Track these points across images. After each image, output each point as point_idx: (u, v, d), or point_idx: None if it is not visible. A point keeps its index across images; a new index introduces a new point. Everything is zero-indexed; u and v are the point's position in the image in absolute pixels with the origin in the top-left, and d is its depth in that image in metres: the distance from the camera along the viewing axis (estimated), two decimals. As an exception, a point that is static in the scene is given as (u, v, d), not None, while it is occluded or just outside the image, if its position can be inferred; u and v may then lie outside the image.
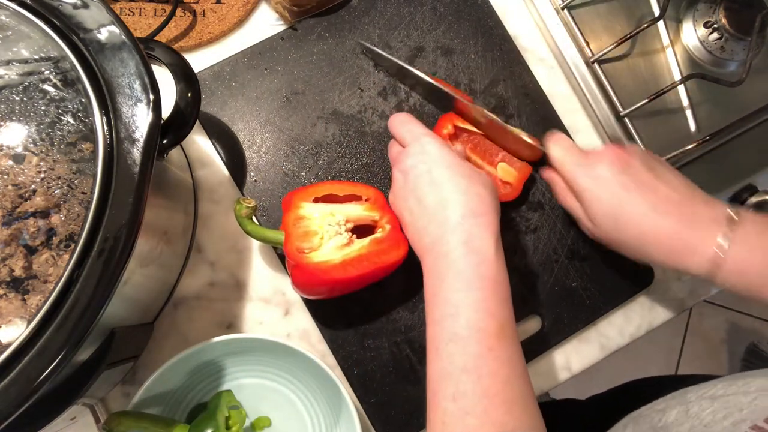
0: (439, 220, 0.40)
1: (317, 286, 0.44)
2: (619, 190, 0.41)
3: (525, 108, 0.54)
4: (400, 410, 0.48)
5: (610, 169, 0.42)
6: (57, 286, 0.30)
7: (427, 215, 0.41)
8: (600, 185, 0.42)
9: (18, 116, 0.35)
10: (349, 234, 0.45)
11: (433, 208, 0.41)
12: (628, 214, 0.41)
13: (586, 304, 0.51)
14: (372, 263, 0.44)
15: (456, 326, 0.37)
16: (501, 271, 0.39)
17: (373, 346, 0.49)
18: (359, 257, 0.44)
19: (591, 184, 0.42)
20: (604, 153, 0.43)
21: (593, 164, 0.43)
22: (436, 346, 0.38)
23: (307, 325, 0.50)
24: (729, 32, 0.53)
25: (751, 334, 1.48)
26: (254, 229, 0.45)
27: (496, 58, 0.55)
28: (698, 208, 0.41)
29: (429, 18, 0.55)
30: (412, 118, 0.46)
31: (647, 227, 0.41)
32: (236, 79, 0.52)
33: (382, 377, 0.49)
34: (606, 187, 0.42)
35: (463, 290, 0.38)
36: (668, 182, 0.42)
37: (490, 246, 0.39)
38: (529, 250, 0.52)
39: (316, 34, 0.54)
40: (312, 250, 0.43)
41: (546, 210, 0.52)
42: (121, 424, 0.41)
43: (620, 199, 0.41)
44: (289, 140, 0.52)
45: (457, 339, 0.37)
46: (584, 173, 0.43)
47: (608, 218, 0.42)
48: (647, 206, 0.41)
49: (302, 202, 0.45)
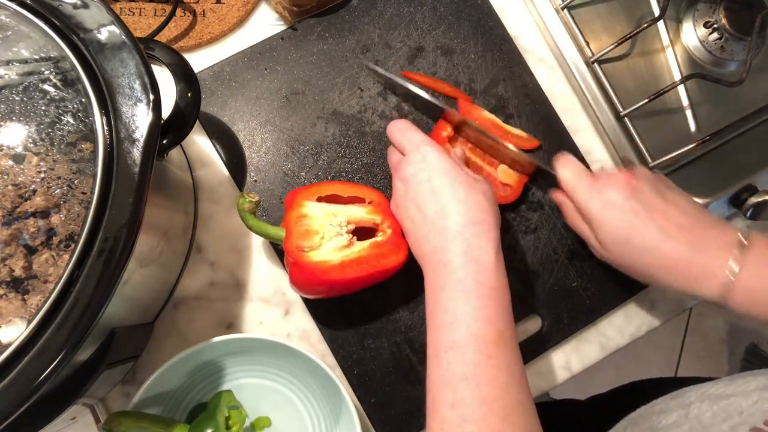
0: (438, 230, 0.40)
1: (315, 286, 0.44)
2: (630, 215, 0.41)
3: (525, 108, 0.54)
4: (400, 410, 0.48)
5: (621, 194, 0.42)
6: (57, 286, 0.30)
7: (427, 224, 0.41)
8: (610, 210, 0.42)
9: (18, 116, 0.35)
10: (350, 236, 0.45)
11: (433, 218, 0.41)
12: (639, 239, 0.41)
13: (586, 304, 0.51)
14: (371, 266, 0.44)
15: (455, 334, 0.37)
16: (500, 279, 0.39)
17: (373, 346, 0.49)
18: (358, 259, 0.44)
19: (601, 208, 0.42)
20: (614, 177, 0.43)
21: (603, 189, 0.43)
22: (436, 354, 0.38)
23: (307, 325, 0.50)
24: (729, 32, 0.53)
25: (751, 334, 1.48)
26: (256, 224, 0.45)
27: (496, 58, 0.55)
28: (709, 232, 0.41)
29: (429, 18, 0.55)
30: (411, 126, 0.46)
31: (658, 252, 0.41)
32: (236, 79, 0.52)
33: (382, 377, 0.49)
34: (616, 211, 0.42)
35: (462, 299, 0.38)
36: (678, 206, 0.42)
37: (489, 254, 0.39)
38: (529, 250, 0.52)
39: (316, 34, 0.54)
40: (312, 249, 0.43)
41: (546, 210, 0.52)
42: (121, 424, 0.41)
43: (631, 224, 0.41)
44: (289, 140, 0.52)
45: (456, 347, 0.37)
46: (594, 197, 0.43)
47: (618, 243, 0.42)
48: (657, 231, 0.41)
49: (305, 201, 0.45)
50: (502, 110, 0.54)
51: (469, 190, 0.41)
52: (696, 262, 0.40)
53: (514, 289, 0.45)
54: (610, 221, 0.42)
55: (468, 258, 0.39)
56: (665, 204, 0.42)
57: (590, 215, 0.43)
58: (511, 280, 0.40)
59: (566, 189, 0.45)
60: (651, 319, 0.53)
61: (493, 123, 0.52)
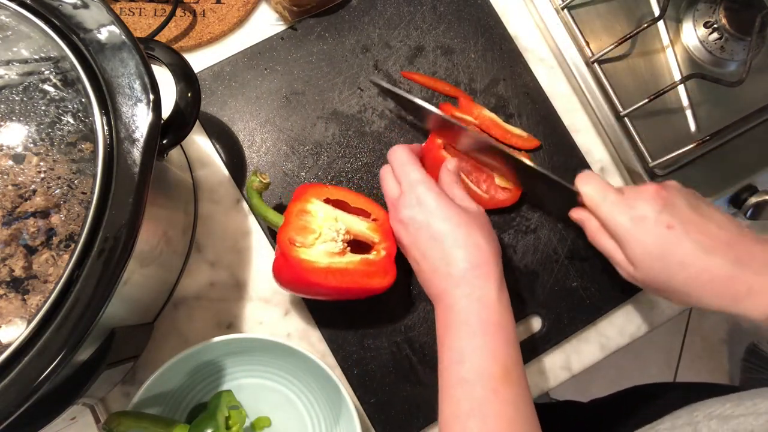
0: (442, 275, 0.41)
1: (293, 282, 0.44)
2: (664, 230, 0.39)
3: (525, 107, 0.54)
4: (400, 410, 0.48)
5: (652, 208, 0.39)
6: (57, 286, 0.30)
7: (431, 269, 0.42)
8: (641, 225, 0.39)
9: (18, 116, 0.35)
10: (345, 245, 0.45)
11: (436, 263, 0.41)
12: (676, 255, 0.38)
13: (586, 303, 0.51)
14: (353, 281, 0.43)
15: (462, 371, 0.38)
16: (505, 315, 0.40)
17: (373, 346, 0.49)
18: (344, 270, 0.43)
19: (631, 224, 0.40)
20: (642, 190, 0.41)
21: (632, 203, 0.41)
22: (445, 391, 0.39)
23: (307, 325, 0.50)
24: (729, 32, 0.53)
25: (751, 334, 1.48)
26: (259, 204, 0.46)
27: (496, 58, 0.55)
28: (752, 247, 0.38)
29: (429, 17, 0.55)
30: (410, 157, 0.45)
31: (698, 269, 0.38)
32: (236, 79, 0.52)
33: (382, 377, 0.49)
34: (648, 227, 0.39)
35: (467, 338, 0.39)
36: (715, 220, 0.40)
37: (491, 292, 0.40)
38: (530, 250, 0.52)
39: (315, 34, 0.54)
40: (303, 246, 0.43)
41: (546, 210, 0.52)
42: (121, 424, 0.41)
43: (666, 240, 0.39)
44: (288, 140, 0.52)
45: (463, 383, 0.38)
46: (622, 212, 0.40)
47: (653, 261, 0.39)
48: (696, 246, 0.38)
49: (313, 198, 0.45)
50: (502, 110, 0.54)
51: (468, 232, 0.41)
52: (739, 279, 0.37)
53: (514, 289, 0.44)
54: (640, 236, 0.39)
55: (471, 300, 0.39)
56: (700, 218, 0.39)
57: (618, 231, 0.41)
58: (511, 279, 0.41)
59: (590, 205, 0.43)
60: (651, 319, 0.53)
61: (493, 122, 0.52)
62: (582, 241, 0.52)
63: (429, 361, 0.49)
